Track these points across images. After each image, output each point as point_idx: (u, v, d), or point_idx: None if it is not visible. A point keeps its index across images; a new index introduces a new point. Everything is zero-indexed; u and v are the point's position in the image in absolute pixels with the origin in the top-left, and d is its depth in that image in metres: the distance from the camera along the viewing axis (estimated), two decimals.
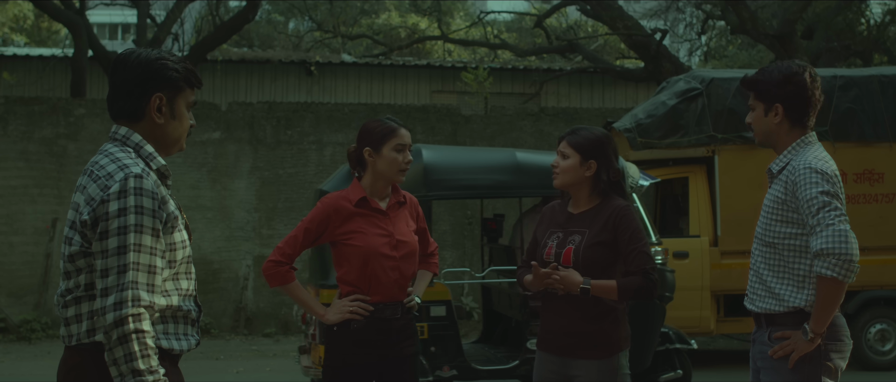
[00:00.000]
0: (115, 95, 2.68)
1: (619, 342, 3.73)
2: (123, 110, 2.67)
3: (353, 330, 3.85)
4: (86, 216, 2.52)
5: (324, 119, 11.48)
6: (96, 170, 2.58)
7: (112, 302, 2.46)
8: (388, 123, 3.98)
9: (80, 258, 2.56)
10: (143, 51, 2.70)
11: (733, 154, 8.78)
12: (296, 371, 8.87)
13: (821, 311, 3.29)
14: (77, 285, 2.58)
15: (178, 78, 2.69)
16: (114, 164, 2.57)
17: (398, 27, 22.56)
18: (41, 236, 10.91)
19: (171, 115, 2.69)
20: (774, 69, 3.48)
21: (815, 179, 3.30)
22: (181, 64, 2.70)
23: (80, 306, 2.58)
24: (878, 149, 8.92)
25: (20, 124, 11.04)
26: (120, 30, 36.52)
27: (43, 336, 10.51)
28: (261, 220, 11.29)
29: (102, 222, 2.49)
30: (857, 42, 15.75)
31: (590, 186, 3.79)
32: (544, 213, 3.99)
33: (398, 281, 3.87)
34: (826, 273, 3.24)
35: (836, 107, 8.81)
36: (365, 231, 3.86)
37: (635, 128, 8.85)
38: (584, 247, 3.68)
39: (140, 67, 2.64)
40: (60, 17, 13.90)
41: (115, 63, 2.69)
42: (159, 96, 2.66)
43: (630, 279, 3.65)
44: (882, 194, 8.88)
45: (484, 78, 12.44)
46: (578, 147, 3.78)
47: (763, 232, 3.47)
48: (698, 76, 9.18)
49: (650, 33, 14.43)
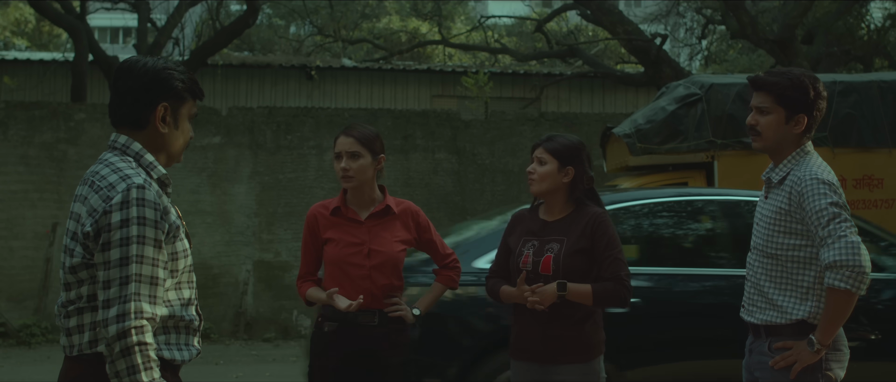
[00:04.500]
0: (119, 103, 2.66)
1: (597, 346, 3.75)
2: (127, 118, 2.66)
3: (326, 333, 3.91)
4: (88, 228, 2.50)
5: (324, 124, 11.48)
6: (97, 180, 2.57)
7: (114, 314, 2.46)
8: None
9: (82, 269, 2.55)
10: (148, 59, 2.69)
11: (733, 160, 8.77)
12: (295, 376, 8.87)
13: (830, 323, 3.27)
14: (79, 296, 2.57)
15: (182, 88, 2.68)
16: (115, 174, 2.55)
17: (399, 31, 22.58)
18: (41, 240, 10.92)
19: (175, 125, 2.70)
20: (802, 77, 3.41)
21: (823, 190, 3.28)
22: (186, 74, 2.71)
23: (82, 316, 2.57)
24: (877, 155, 8.91)
25: (20, 129, 11.05)
26: (121, 34, 36.56)
27: (43, 341, 10.51)
28: (261, 225, 11.29)
29: (105, 234, 2.48)
30: (857, 47, 15.75)
31: (566, 192, 3.79)
32: (514, 220, 3.97)
33: (371, 289, 3.87)
34: (839, 285, 3.21)
35: (836, 112, 8.80)
36: (337, 240, 3.91)
37: (634, 133, 8.84)
38: (565, 255, 3.67)
39: (146, 76, 2.63)
40: (61, 22, 13.92)
41: (120, 70, 2.67)
42: (165, 106, 2.65)
43: (605, 285, 3.65)
44: (881, 200, 8.88)
45: (484, 83, 12.45)
46: (555, 153, 3.78)
47: (764, 243, 3.43)
48: (698, 82, 9.18)
49: (650, 38, 14.44)
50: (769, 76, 3.44)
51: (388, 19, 23.58)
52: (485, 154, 11.61)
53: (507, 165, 11.62)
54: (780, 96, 3.38)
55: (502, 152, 11.63)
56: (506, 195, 11.56)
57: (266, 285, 11.23)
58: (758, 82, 3.46)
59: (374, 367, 3.87)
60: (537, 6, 21.89)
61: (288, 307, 11.08)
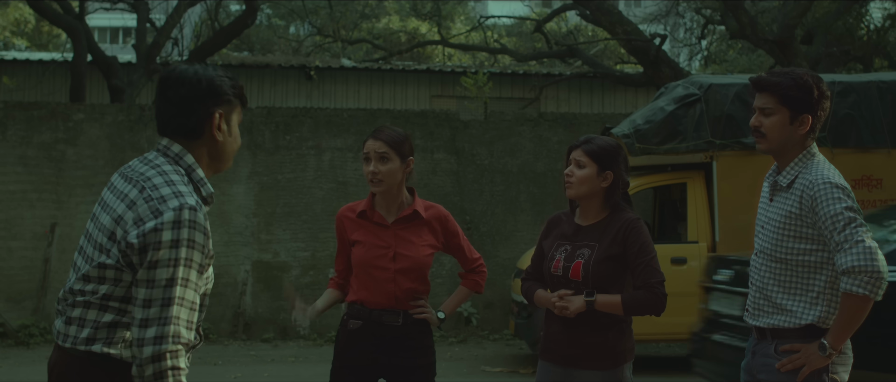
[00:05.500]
0: (173, 112, 2.61)
1: (623, 353, 3.68)
2: (182, 128, 2.62)
3: (350, 331, 3.92)
4: (133, 240, 2.45)
5: (323, 124, 11.48)
6: (148, 187, 2.52)
7: (152, 335, 2.42)
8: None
9: (111, 270, 2.50)
10: (198, 67, 2.67)
11: (732, 160, 8.77)
12: (294, 377, 8.87)
13: (844, 328, 3.23)
14: (94, 291, 2.52)
15: (233, 95, 2.68)
16: (168, 187, 2.51)
17: (398, 32, 22.59)
18: (40, 241, 10.91)
19: (228, 132, 2.69)
20: (806, 77, 3.37)
21: (837, 194, 3.23)
22: (234, 81, 2.70)
23: (88, 311, 2.52)
24: (876, 155, 8.91)
25: (19, 129, 11.04)
26: (120, 34, 36.57)
27: (41, 341, 10.50)
28: (259, 225, 11.28)
29: (153, 252, 2.43)
30: (856, 47, 15.75)
31: (603, 197, 3.71)
32: (550, 223, 3.91)
33: (395, 292, 3.87)
34: (857, 291, 3.17)
35: (835, 113, 8.80)
36: (363, 242, 3.91)
37: (633, 133, 8.84)
38: (594, 262, 3.62)
39: (200, 84, 2.61)
40: (60, 22, 13.92)
41: (169, 80, 2.63)
42: (220, 113, 2.64)
43: (636, 294, 3.59)
44: (881, 200, 8.86)
45: (483, 83, 12.44)
46: (595, 156, 3.68)
47: (773, 248, 3.38)
48: (697, 82, 9.18)
49: (650, 38, 14.43)
50: (772, 76, 3.39)
51: (387, 19, 23.59)
52: (484, 154, 11.61)
53: (506, 165, 11.61)
54: (783, 97, 3.33)
55: (501, 153, 11.63)
56: (504, 196, 11.55)
57: (264, 285, 11.22)
58: (760, 83, 3.40)
59: (397, 368, 3.87)
60: (537, 6, 21.91)
61: (286, 307, 11.01)
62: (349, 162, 11.42)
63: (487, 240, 11.38)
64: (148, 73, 14.16)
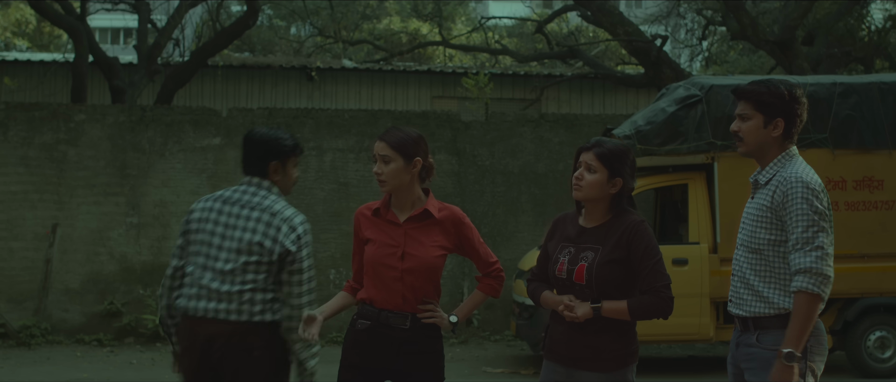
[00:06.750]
0: (248, 161, 3.92)
1: (627, 356, 3.68)
2: (255, 170, 3.90)
3: (358, 331, 3.94)
4: (276, 257, 3.75)
5: (324, 125, 11.48)
6: (277, 210, 3.81)
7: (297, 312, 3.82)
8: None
9: (264, 266, 3.76)
10: (266, 130, 3.93)
11: (733, 161, 8.77)
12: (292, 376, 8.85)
13: (800, 328, 3.40)
14: (254, 280, 3.75)
15: (288, 149, 3.90)
16: (287, 209, 3.83)
17: (399, 32, 22.59)
18: (41, 241, 10.91)
19: (284, 173, 3.92)
20: (779, 84, 3.62)
21: (807, 194, 3.46)
22: (290, 137, 3.92)
23: (255, 294, 3.74)
24: (877, 156, 8.90)
25: (20, 130, 11.05)
26: (122, 34, 36.57)
27: (42, 342, 10.51)
28: None
29: (298, 263, 3.78)
30: (858, 48, 15.73)
31: (610, 201, 3.70)
32: (555, 224, 3.90)
33: (403, 291, 3.87)
34: (811, 289, 3.39)
35: (836, 114, 8.80)
36: (374, 240, 3.94)
37: (635, 134, 8.84)
38: (598, 265, 3.62)
39: (262, 143, 3.89)
40: (61, 23, 13.92)
41: (247, 139, 3.94)
42: (276, 164, 3.89)
43: (642, 299, 3.60)
44: (882, 202, 8.86)
45: (484, 84, 12.44)
46: (606, 161, 3.66)
47: (748, 239, 3.62)
48: (698, 83, 9.17)
49: (651, 39, 14.43)
50: (749, 85, 3.65)
51: (388, 20, 23.59)
52: (485, 155, 11.61)
53: (507, 166, 11.61)
54: (758, 103, 3.58)
55: (502, 154, 11.63)
56: (505, 197, 11.56)
57: None
58: (739, 92, 3.65)
59: (403, 370, 3.87)
60: (538, 7, 21.92)
61: None
62: (350, 163, 11.42)
63: (488, 241, 11.33)
64: (149, 73, 14.17)
